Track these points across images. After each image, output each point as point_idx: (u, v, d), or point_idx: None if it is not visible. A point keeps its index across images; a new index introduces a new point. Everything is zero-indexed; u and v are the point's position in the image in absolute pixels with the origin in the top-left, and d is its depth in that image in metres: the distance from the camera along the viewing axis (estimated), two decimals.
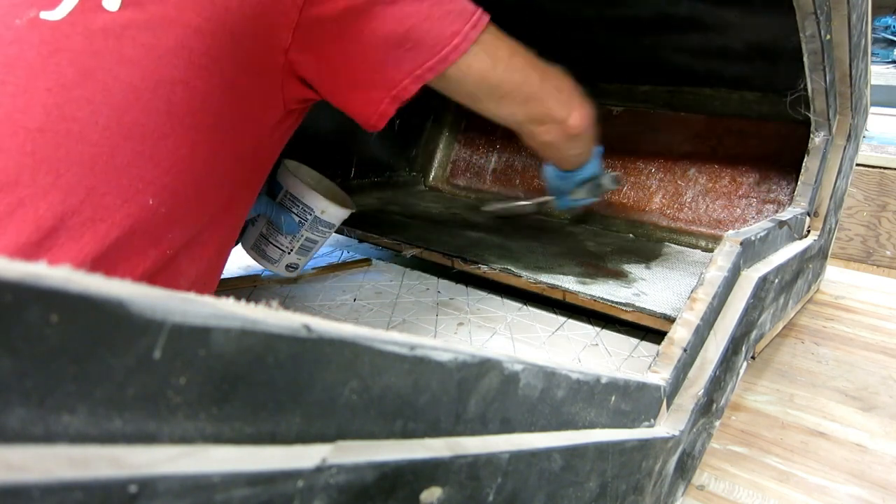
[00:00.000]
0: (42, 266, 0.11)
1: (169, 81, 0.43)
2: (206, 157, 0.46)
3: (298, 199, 0.70)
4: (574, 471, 0.29)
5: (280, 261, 0.73)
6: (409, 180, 1.19)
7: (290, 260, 0.74)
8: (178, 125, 0.44)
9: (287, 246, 0.73)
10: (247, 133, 0.50)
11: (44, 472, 0.11)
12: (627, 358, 0.66)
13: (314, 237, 0.73)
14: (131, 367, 0.13)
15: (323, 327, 0.16)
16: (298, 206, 0.70)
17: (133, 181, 0.42)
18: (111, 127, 0.41)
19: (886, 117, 1.75)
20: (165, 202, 0.44)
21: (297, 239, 0.72)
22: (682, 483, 0.48)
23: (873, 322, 0.84)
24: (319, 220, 0.72)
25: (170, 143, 0.44)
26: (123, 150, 0.42)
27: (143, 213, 0.43)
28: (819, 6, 0.57)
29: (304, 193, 0.70)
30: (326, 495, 0.16)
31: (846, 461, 0.54)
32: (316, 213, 0.71)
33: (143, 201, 0.43)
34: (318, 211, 0.71)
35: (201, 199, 0.47)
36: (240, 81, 0.47)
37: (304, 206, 0.70)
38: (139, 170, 0.43)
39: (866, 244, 1.62)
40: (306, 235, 0.72)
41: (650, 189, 1.01)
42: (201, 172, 0.46)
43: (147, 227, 0.44)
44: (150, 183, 0.43)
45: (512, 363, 0.24)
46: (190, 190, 0.46)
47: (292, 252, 0.73)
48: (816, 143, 0.77)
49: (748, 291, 0.54)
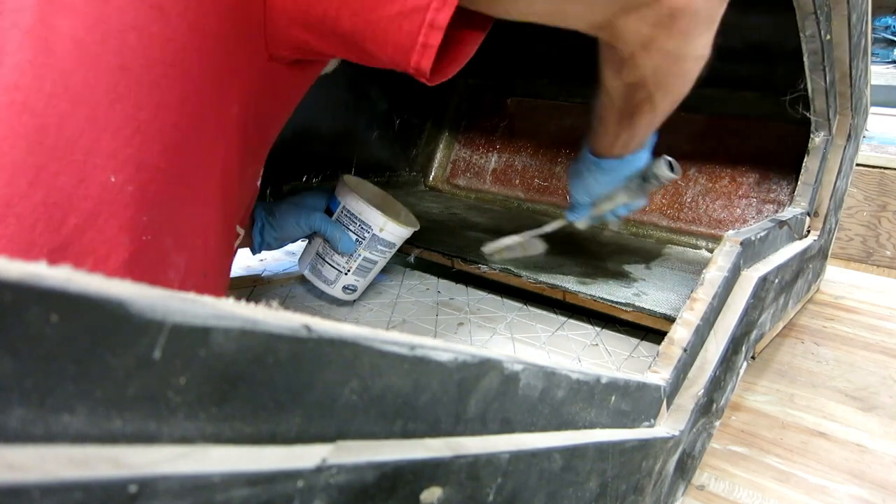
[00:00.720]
0: (42, 266, 0.11)
1: (118, 30, 0.36)
2: (177, 122, 0.39)
3: (356, 216, 0.67)
4: (574, 471, 0.29)
5: (336, 282, 0.70)
6: (409, 180, 1.19)
7: (347, 281, 0.70)
8: (134, 83, 0.37)
9: (344, 266, 0.69)
10: (228, 91, 0.42)
11: (44, 472, 0.11)
12: (627, 358, 0.66)
13: (373, 257, 0.69)
14: (131, 367, 0.13)
15: (323, 327, 0.16)
16: (356, 224, 0.67)
17: (89, 155, 0.36)
18: (57, 93, 0.35)
19: (886, 117, 1.75)
20: (132, 178, 0.37)
21: (355, 259, 0.69)
22: (682, 483, 0.48)
23: (873, 322, 0.84)
24: (378, 239, 0.68)
25: (127, 107, 0.37)
26: (74, 119, 0.35)
27: (106, 194, 0.37)
28: (819, 6, 0.57)
29: (363, 210, 0.66)
30: (326, 495, 0.16)
31: (846, 461, 0.54)
32: (374, 231, 0.67)
33: (104, 179, 0.36)
34: (376, 229, 0.67)
35: (177, 172, 0.40)
36: (207, 23, 0.39)
37: (361, 223, 0.67)
38: (94, 141, 0.36)
39: (866, 244, 1.62)
40: (364, 255, 0.69)
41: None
42: (173, 140, 0.39)
43: (113, 209, 0.37)
44: (109, 157, 0.36)
45: (512, 363, 0.24)
46: (161, 162, 0.39)
47: (349, 273, 0.69)
48: (816, 143, 0.77)
49: (748, 291, 0.54)
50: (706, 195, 0.96)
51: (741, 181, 0.94)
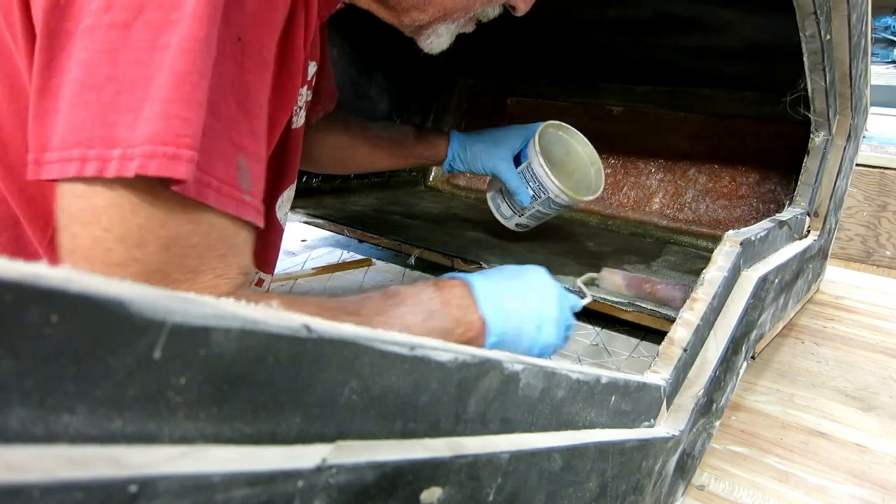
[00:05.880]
0: (42, 266, 0.11)
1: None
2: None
3: (536, 177, 0.71)
4: (574, 471, 0.29)
5: (510, 219, 0.78)
6: (409, 180, 1.19)
7: (519, 221, 0.77)
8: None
9: (519, 212, 0.76)
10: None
11: (44, 472, 0.11)
12: (627, 358, 0.66)
13: (546, 211, 0.75)
14: (131, 367, 0.13)
15: (323, 327, 0.16)
16: (535, 182, 0.71)
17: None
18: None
19: (886, 117, 1.75)
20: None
21: (529, 209, 0.74)
22: (682, 483, 0.48)
23: (873, 322, 0.84)
24: (552, 201, 0.73)
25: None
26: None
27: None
28: (819, 6, 0.57)
29: (542, 174, 0.70)
30: (326, 495, 0.16)
31: (846, 461, 0.54)
32: (550, 195, 0.72)
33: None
34: (552, 193, 0.71)
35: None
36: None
37: (540, 184, 0.71)
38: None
39: (866, 244, 1.62)
40: (537, 209, 0.74)
41: (650, 189, 1.01)
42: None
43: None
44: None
45: (512, 363, 0.24)
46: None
47: (523, 216, 0.76)
48: (816, 143, 0.77)
49: (748, 291, 0.54)
50: (706, 195, 0.96)
51: (741, 181, 0.94)
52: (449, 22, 0.51)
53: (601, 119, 1.06)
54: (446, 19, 0.50)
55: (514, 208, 0.76)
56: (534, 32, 0.90)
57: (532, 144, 0.71)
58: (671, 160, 1.00)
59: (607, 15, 0.85)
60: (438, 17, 0.50)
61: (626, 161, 1.03)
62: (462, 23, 0.52)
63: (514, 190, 0.72)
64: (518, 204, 0.74)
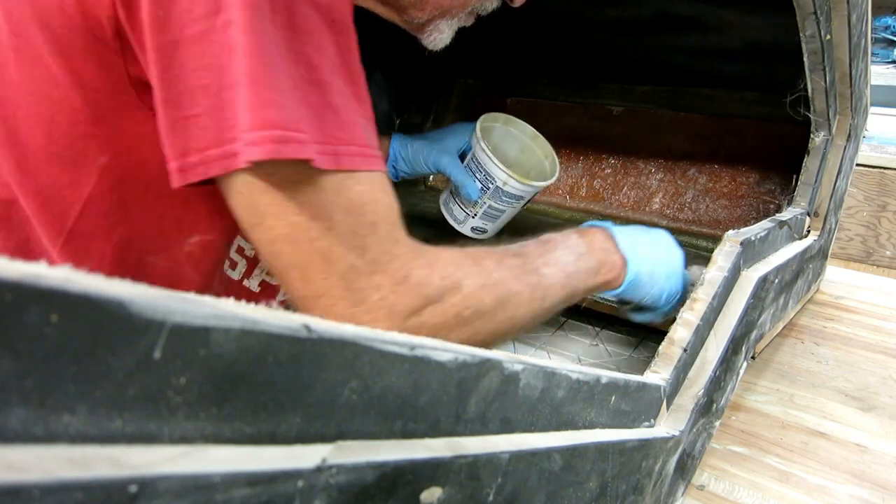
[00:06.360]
0: (42, 266, 0.11)
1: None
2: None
3: (482, 166, 0.67)
4: (574, 471, 0.29)
5: (465, 222, 0.72)
6: (409, 180, 1.18)
7: (474, 223, 0.72)
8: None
9: (470, 210, 0.71)
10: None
11: (44, 472, 0.11)
12: (627, 358, 0.66)
13: (499, 206, 0.70)
14: (131, 367, 0.13)
15: (323, 327, 0.16)
16: (482, 173, 0.67)
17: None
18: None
19: (886, 117, 1.75)
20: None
21: (480, 206, 0.70)
22: (682, 483, 0.48)
23: (873, 322, 0.84)
24: (502, 191, 0.68)
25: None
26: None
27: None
28: (819, 6, 0.57)
29: (486, 161, 0.66)
30: (326, 495, 0.16)
31: (846, 461, 0.54)
32: (497, 184, 0.67)
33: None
34: (499, 182, 0.67)
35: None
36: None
37: (486, 173, 0.67)
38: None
39: (866, 244, 1.62)
40: (489, 203, 0.69)
41: (650, 189, 1.01)
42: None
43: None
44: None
45: (512, 363, 0.24)
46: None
47: (476, 217, 0.71)
48: (816, 143, 0.77)
49: (748, 291, 0.54)
50: (706, 195, 0.96)
51: (741, 181, 0.94)
52: (448, 18, 0.52)
53: (601, 119, 1.06)
54: (445, 15, 0.51)
55: (466, 208, 0.71)
56: (534, 32, 0.90)
57: (474, 133, 0.68)
58: (671, 160, 1.00)
59: (607, 15, 0.85)
60: (437, 15, 0.51)
61: (626, 161, 1.03)
62: (462, 17, 0.52)
63: (459, 183, 0.68)
64: (466, 198, 0.69)
